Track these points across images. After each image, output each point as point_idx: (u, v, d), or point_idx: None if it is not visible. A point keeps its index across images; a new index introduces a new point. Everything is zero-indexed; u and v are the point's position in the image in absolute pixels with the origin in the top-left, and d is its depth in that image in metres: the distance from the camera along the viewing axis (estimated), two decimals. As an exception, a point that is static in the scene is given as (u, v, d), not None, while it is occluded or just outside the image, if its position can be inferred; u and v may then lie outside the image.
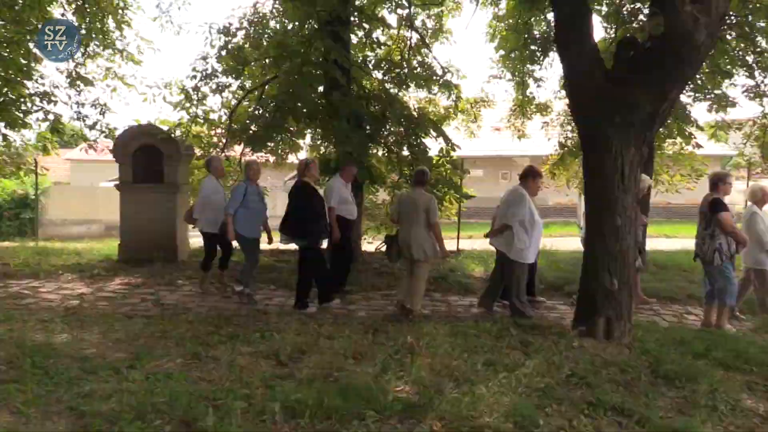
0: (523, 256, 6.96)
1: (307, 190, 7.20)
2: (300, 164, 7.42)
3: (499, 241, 7.17)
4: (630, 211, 5.66)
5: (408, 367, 4.65)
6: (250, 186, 7.68)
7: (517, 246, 6.92)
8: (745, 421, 4.26)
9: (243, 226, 7.57)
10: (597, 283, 5.64)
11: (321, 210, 7.21)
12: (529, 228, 6.96)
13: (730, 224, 6.76)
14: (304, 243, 7.19)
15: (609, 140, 5.52)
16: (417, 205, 6.97)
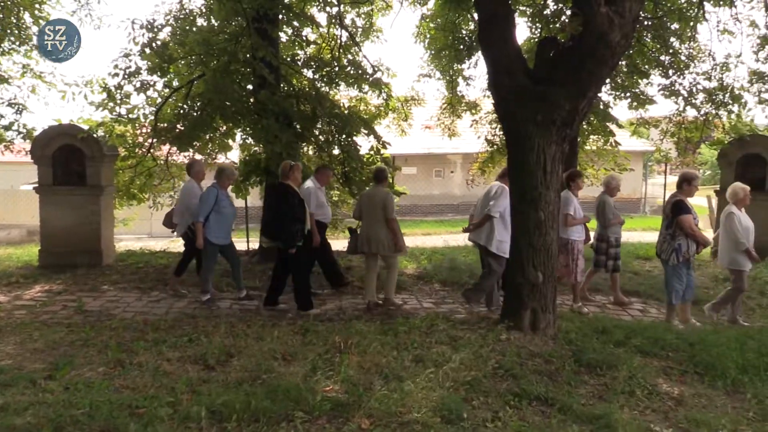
0: (502, 249, 7.14)
1: (288, 192, 7.11)
2: (284, 167, 7.32)
3: (479, 235, 7.30)
4: (553, 206, 5.81)
5: (337, 366, 4.64)
6: (221, 191, 7.57)
7: (497, 238, 7.13)
8: (661, 405, 4.46)
9: (215, 232, 7.49)
10: (523, 277, 5.77)
11: (301, 213, 7.13)
12: (509, 222, 7.05)
13: (690, 226, 6.86)
14: (281, 245, 7.15)
15: (531, 137, 5.65)
16: (375, 202, 7.29)
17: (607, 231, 8.02)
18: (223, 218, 7.53)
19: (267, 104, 8.74)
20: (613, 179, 8.23)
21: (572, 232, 7.67)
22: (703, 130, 11.70)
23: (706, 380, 5.01)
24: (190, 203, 7.89)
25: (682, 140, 12.38)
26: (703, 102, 11.37)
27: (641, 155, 26.55)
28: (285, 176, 7.23)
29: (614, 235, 8.04)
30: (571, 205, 7.64)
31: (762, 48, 10.74)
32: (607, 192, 8.12)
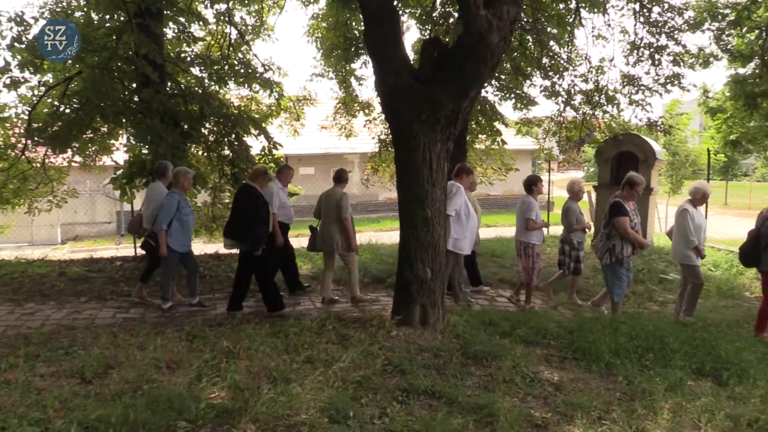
0: (458, 246, 7.39)
1: (253, 193, 7.00)
2: (259, 170, 7.30)
3: None
4: (439, 203, 5.93)
5: (224, 372, 4.50)
6: (181, 196, 7.31)
7: (453, 236, 7.29)
8: (541, 391, 4.66)
9: (177, 240, 7.23)
10: (412, 273, 5.85)
11: (265, 215, 7.01)
12: (464, 220, 7.44)
13: (625, 229, 6.91)
14: (245, 247, 7.01)
15: (417, 136, 5.73)
16: (330, 202, 7.51)
17: (570, 235, 8.12)
18: (185, 225, 7.30)
19: (151, 103, 8.38)
20: (575, 184, 8.26)
21: (532, 235, 7.80)
22: (582, 130, 12.35)
23: (582, 365, 5.30)
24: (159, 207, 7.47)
25: (563, 139, 13.04)
26: (581, 103, 12.02)
27: (530, 153, 27.77)
28: (253, 178, 7.16)
29: (577, 239, 8.10)
30: (533, 210, 7.77)
31: (631, 53, 11.47)
32: (572, 197, 8.17)
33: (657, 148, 13.08)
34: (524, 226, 7.76)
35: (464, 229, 7.47)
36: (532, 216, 7.73)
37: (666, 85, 11.58)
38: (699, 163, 23.89)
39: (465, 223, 7.47)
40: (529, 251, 7.83)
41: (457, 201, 7.32)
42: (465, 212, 7.47)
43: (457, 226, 7.37)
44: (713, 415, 4.23)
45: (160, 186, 7.66)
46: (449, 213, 7.17)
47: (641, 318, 6.64)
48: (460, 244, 7.43)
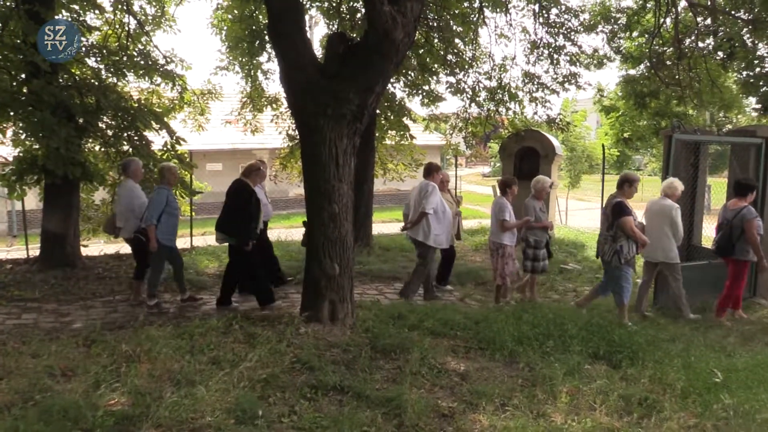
0: (438, 241, 7.82)
1: (245, 189, 7.10)
2: (253, 165, 7.39)
3: (416, 232, 7.77)
4: (346, 198, 5.92)
5: (124, 376, 4.31)
6: (169, 191, 7.35)
7: (433, 233, 7.69)
8: (448, 381, 4.77)
9: (166, 234, 7.26)
10: (320, 269, 5.83)
11: (256, 212, 7.15)
12: (441, 216, 7.70)
13: (631, 228, 6.84)
14: (235, 242, 7.10)
15: (323, 131, 5.71)
16: None
17: (527, 233, 8.08)
18: (172, 219, 7.34)
19: (42, 95, 7.91)
20: (537, 182, 8.20)
21: (504, 236, 7.81)
22: (486, 125, 12.73)
23: (487, 354, 5.47)
24: (132, 204, 7.52)
25: (469, 135, 13.40)
26: (486, 99, 12.39)
27: (438, 149, 28.29)
28: (246, 174, 7.27)
29: (533, 237, 8.02)
30: (506, 211, 7.76)
31: (532, 52, 11.95)
32: (535, 195, 8.12)
33: (556, 143, 13.70)
34: (499, 227, 7.81)
35: (441, 224, 7.81)
36: (506, 216, 7.74)
37: (564, 83, 12.16)
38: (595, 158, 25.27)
39: (442, 219, 7.82)
40: (501, 251, 7.85)
41: (433, 199, 7.67)
42: (441, 209, 7.80)
43: (436, 222, 7.73)
44: (607, 396, 4.48)
45: (129, 183, 7.67)
46: (427, 211, 7.61)
47: (543, 307, 6.92)
48: (440, 239, 7.84)
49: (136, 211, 7.46)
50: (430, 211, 7.62)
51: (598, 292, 7.57)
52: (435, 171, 8.03)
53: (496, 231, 7.91)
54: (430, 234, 7.69)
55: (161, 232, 7.19)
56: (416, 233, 7.81)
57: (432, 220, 7.68)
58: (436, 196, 7.74)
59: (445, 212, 7.87)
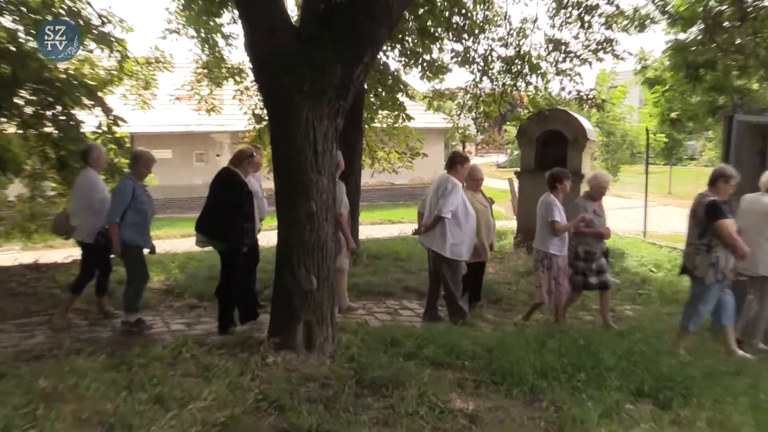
0: (457, 252, 7.71)
1: (235, 180, 7.15)
2: (245, 151, 7.48)
3: (430, 239, 7.79)
4: (327, 194, 5.88)
5: (42, 420, 4.23)
6: (137, 183, 7.47)
7: (451, 241, 7.64)
8: (454, 424, 4.71)
9: (133, 233, 7.36)
10: (293, 282, 5.78)
11: (249, 208, 7.19)
12: (462, 221, 7.64)
13: (731, 234, 6.58)
14: (225, 247, 7.14)
15: (298, 110, 5.65)
16: None
17: (577, 241, 8.04)
18: (141, 217, 7.45)
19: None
20: (595, 179, 8.14)
21: (552, 243, 7.75)
22: (501, 104, 12.71)
23: (503, 390, 5.41)
24: (91, 199, 7.64)
25: (480, 115, 13.39)
26: (500, 72, 12.38)
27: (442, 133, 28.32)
28: (236, 162, 7.33)
29: (584, 247, 7.97)
30: (556, 211, 7.70)
31: (558, 13, 11.91)
32: (590, 194, 8.11)
33: (588, 126, 13.70)
34: (547, 231, 7.76)
35: (463, 231, 7.74)
36: (557, 217, 7.69)
37: (597, 51, 12.13)
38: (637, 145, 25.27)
39: (463, 225, 7.74)
40: (547, 263, 7.80)
41: (452, 200, 7.63)
42: (463, 212, 7.73)
43: (455, 228, 7.69)
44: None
45: (89, 173, 7.77)
46: (444, 215, 7.56)
47: (572, 331, 6.89)
48: (458, 249, 7.74)
49: (95, 207, 7.56)
50: (448, 214, 7.59)
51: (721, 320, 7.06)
52: (460, 163, 7.99)
53: (542, 236, 7.86)
54: (446, 243, 7.67)
55: (130, 231, 7.31)
56: (429, 240, 7.85)
57: (450, 226, 7.66)
58: (457, 196, 7.69)
59: (468, 216, 7.79)
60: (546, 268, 7.81)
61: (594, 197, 8.06)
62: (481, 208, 8.38)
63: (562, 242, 7.83)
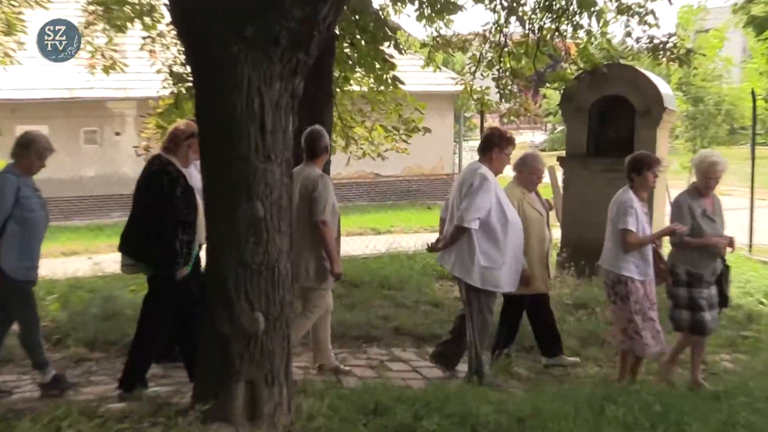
0: (492, 279, 7.66)
1: (170, 174, 7.24)
2: (181, 131, 7.48)
3: (448, 258, 7.84)
4: (280, 191, 5.91)
5: None
6: (23, 180, 7.41)
7: (481, 263, 7.55)
8: None
9: (17, 258, 7.32)
10: (229, 323, 5.80)
11: (188, 212, 7.29)
12: (499, 232, 7.60)
13: None
14: (154, 270, 7.31)
15: (236, 67, 5.68)
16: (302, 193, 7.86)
17: (676, 258, 8.09)
18: (29, 231, 7.43)
19: None
20: (703, 162, 8.12)
21: (628, 262, 7.76)
22: (537, 57, 12.76)
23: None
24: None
25: (506, 74, 13.41)
26: (536, 10, 12.43)
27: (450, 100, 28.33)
28: (172, 146, 7.43)
29: (687, 266, 7.96)
30: (632, 214, 7.67)
31: None
32: (696, 188, 8.12)
33: (666, 90, 13.79)
34: (620, 244, 7.79)
35: (500, 249, 7.66)
36: (630, 224, 7.67)
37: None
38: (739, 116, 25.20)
39: (501, 239, 7.67)
40: (623, 291, 7.81)
41: (480, 202, 7.57)
42: (499, 218, 7.67)
43: (488, 244, 7.63)
44: None
45: None
46: (467, 224, 7.49)
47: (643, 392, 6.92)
48: (493, 275, 7.66)
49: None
50: (472, 223, 7.53)
51: None
52: (498, 146, 7.99)
53: (613, 252, 7.90)
54: (474, 266, 7.60)
55: (9, 255, 7.26)
56: (450, 261, 7.88)
57: (479, 241, 7.62)
58: (488, 196, 7.64)
59: (509, 226, 7.75)
60: (621, 298, 7.82)
61: (702, 191, 8.05)
62: (536, 215, 8.47)
63: (644, 261, 7.83)
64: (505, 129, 8.31)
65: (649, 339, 7.73)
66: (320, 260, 7.88)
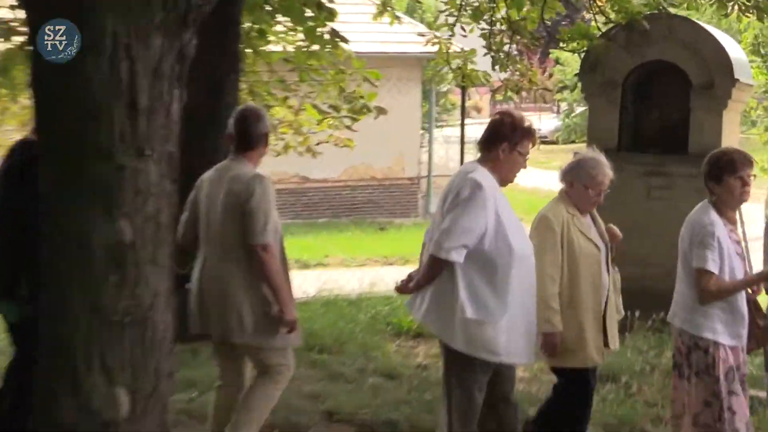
0: (485, 341, 7.50)
1: (25, 170, 7.44)
2: None
3: (423, 304, 7.74)
4: (161, 202, 5.86)
5: None
6: None
7: (467, 315, 7.39)
8: None
9: None
10: (74, 403, 5.75)
11: None
12: (499, 266, 7.53)
13: None
14: (17, 312, 7.61)
15: (92, 14, 5.66)
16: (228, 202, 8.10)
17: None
18: None
19: None
20: None
21: (712, 318, 7.70)
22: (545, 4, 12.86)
23: None
24: None
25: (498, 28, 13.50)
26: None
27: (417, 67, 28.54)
28: None
29: None
30: (712, 246, 7.62)
31: None
32: None
33: (737, 54, 13.89)
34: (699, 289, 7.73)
35: (499, 294, 7.52)
36: (710, 263, 7.62)
37: None
38: None
39: (502, 278, 7.54)
40: (701, 362, 7.79)
41: (470, 221, 7.47)
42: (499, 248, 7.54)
43: (480, 285, 7.50)
44: None
45: None
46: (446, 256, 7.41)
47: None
48: (487, 335, 7.52)
49: None
50: (454, 254, 7.41)
51: None
52: (508, 138, 7.84)
53: (687, 302, 7.89)
54: (456, 318, 7.47)
55: None
56: (419, 308, 7.84)
57: (466, 279, 7.51)
58: (481, 214, 7.54)
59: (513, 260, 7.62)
60: (699, 372, 7.77)
61: None
62: (590, 249, 8.42)
63: (735, 316, 7.79)
64: (520, 113, 8.07)
65: (740, 427, 7.72)
66: (261, 304, 7.86)
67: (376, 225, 26.93)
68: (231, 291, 7.76)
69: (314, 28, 13.21)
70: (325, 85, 14.55)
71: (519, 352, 7.75)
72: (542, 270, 8.03)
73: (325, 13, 12.90)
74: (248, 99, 13.68)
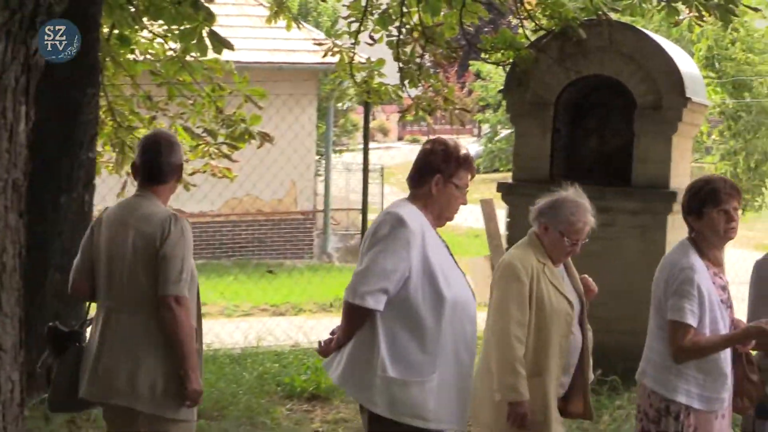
0: (411, 404, 7.28)
1: None
2: None
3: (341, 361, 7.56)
4: (2, 240, 5.85)
5: None
6: None
7: (388, 374, 7.24)
8: None
9: None
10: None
11: None
12: (427, 316, 7.35)
13: None
14: None
15: None
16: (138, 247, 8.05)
17: None
18: None
19: None
20: None
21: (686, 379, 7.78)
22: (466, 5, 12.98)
23: None
24: None
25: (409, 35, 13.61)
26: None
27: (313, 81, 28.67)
28: None
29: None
30: (690, 295, 7.67)
31: None
32: None
33: (688, 68, 14.07)
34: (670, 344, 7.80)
35: (427, 349, 7.43)
36: (688, 315, 7.68)
37: None
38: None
39: (431, 330, 7.43)
40: (671, 427, 7.88)
41: (388, 262, 7.33)
42: (428, 294, 7.43)
43: (404, 338, 7.41)
44: None
45: None
46: (360, 302, 7.27)
47: None
48: (413, 397, 7.35)
49: None
50: (370, 300, 7.29)
51: None
52: (441, 171, 7.72)
53: (660, 359, 7.98)
54: (376, 377, 7.37)
55: None
56: (336, 366, 7.73)
57: (387, 330, 7.42)
58: (402, 254, 7.40)
59: (444, 308, 7.49)
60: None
61: None
62: (560, 305, 8.43)
63: (714, 377, 7.90)
64: (454, 141, 8.02)
65: None
66: (174, 366, 7.84)
67: (263, 267, 26.90)
68: (141, 351, 7.79)
69: (189, 33, 13.16)
70: (199, 104, 14.53)
71: (451, 418, 7.64)
72: (506, 329, 8.16)
73: (203, 13, 12.85)
74: (107, 119, 13.62)
